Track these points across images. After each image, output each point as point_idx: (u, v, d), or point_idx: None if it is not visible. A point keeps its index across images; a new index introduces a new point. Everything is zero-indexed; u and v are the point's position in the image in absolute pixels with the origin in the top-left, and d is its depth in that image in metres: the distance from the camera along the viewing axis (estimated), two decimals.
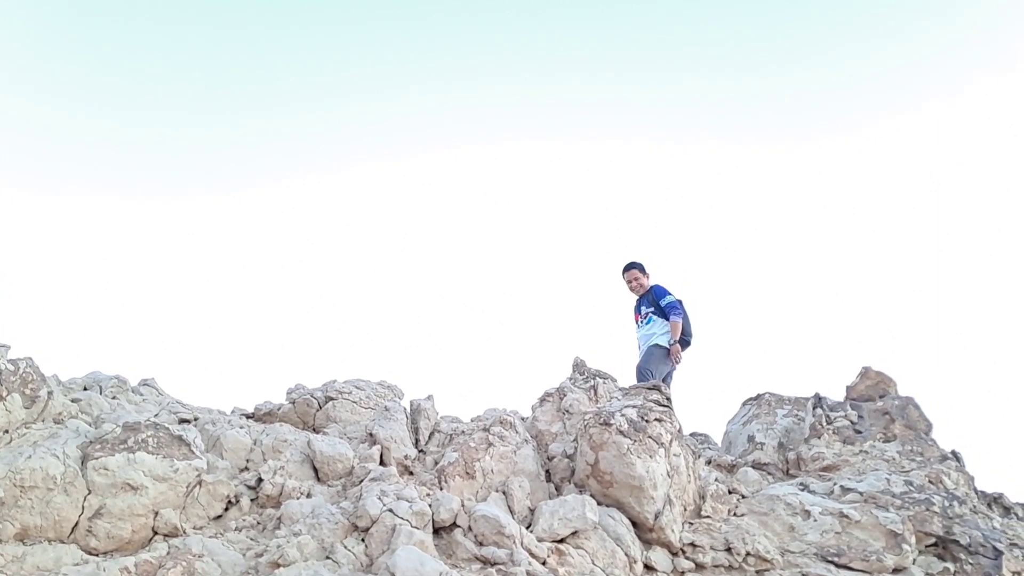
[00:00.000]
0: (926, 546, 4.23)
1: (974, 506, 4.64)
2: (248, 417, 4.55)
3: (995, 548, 4.13)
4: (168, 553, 2.95)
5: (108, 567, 2.73)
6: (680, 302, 7.92)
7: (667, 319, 7.92)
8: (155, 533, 3.09)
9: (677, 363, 7.73)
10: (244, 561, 3.03)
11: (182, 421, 4.09)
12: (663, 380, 7.64)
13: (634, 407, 4.12)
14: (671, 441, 4.12)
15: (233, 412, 4.55)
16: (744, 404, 7.30)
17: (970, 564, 4.07)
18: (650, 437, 3.97)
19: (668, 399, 4.60)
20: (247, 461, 3.82)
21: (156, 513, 3.08)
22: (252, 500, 3.52)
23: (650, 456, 3.88)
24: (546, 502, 3.68)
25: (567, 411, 4.55)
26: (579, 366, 5.20)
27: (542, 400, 4.72)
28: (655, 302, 8.05)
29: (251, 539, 3.25)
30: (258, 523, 3.39)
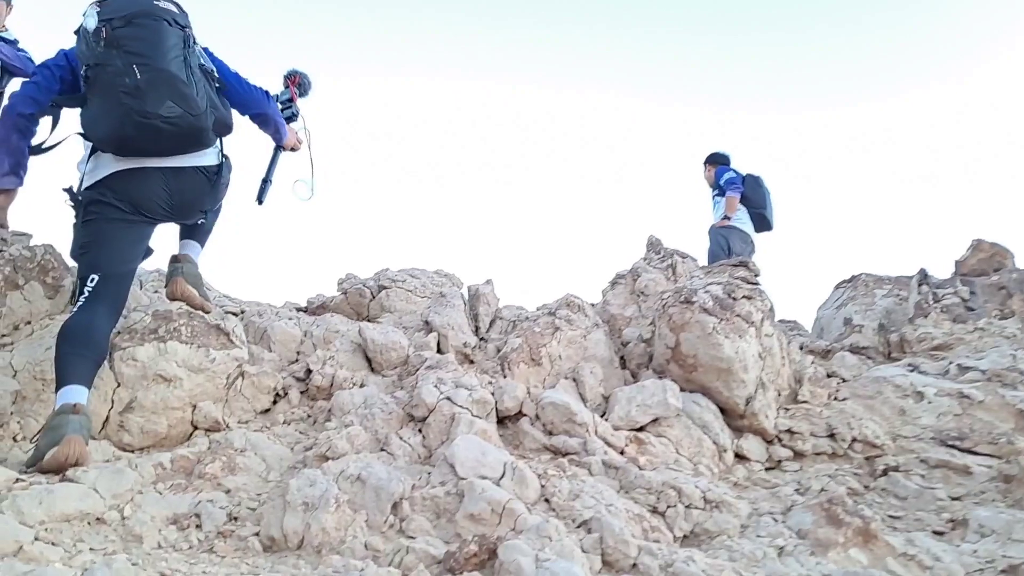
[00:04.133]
0: None
1: None
2: (301, 311, 4.28)
3: None
4: (208, 448, 2.70)
5: (141, 463, 2.48)
6: (742, 178, 7.29)
7: None
8: (195, 428, 2.84)
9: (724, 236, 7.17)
10: (291, 455, 2.76)
11: (228, 313, 3.83)
12: None
13: (719, 284, 3.65)
14: (762, 320, 3.65)
15: (284, 306, 4.28)
16: (837, 287, 6.73)
17: None
18: (738, 315, 3.51)
19: (757, 275, 4.10)
20: (297, 353, 3.55)
21: (194, 406, 2.83)
22: (302, 392, 3.24)
23: (739, 336, 3.43)
24: (622, 388, 3.30)
25: (642, 293, 4.11)
26: (654, 244, 4.72)
27: (613, 283, 4.29)
28: (718, 184, 7.47)
29: (300, 432, 2.98)
30: (308, 416, 3.12)
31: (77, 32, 2.69)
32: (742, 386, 3.39)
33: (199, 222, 3.21)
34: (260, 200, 3.37)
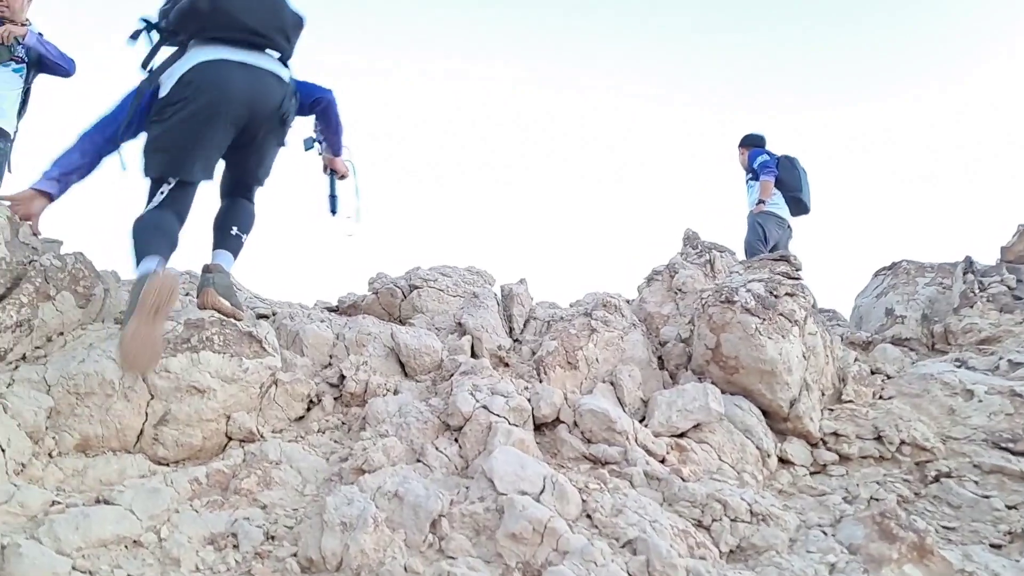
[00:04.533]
0: None
1: None
2: (332, 311, 4.24)
3: None
4: (243, 461, 2.66)
5: (176, 479, 2.45)
6: (776, 160, 7.11)
7: None
8: (229, 439, 2.81)
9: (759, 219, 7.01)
10: (327, 467, 2.72)
11: (260, 316, 3.80)
12: (773, 251, 6.96)
13: (760, 281, 3.53)
14: (805, 318, 3.54)
15: (315, 306, 4.24)
16: (876, 275, 6.56)
17: None
18: (781, 314, 3.40)
19: (798, 270, 3.98)
20: (330, 357, 3.50)
21: (228, 417, 2.79)
22: (335, 399, 3.20)
23: (782, 336, 3.32)
24: (661, 392, 3.21)
25: (679, 290, 4.00)
26: (691, 239, 4.60)
27: (649, 279, 4.18)
28: (751, 168, 7.30)
29: (335, 441, 2.94)
30: (343, 423, 3.07)
31: None
32: (786, 388, 3.29)
33: (231, 232, 3.28)
34: (334, 211, 3.77)
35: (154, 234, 2.89)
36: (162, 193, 2.96)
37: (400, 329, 3.42)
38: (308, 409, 3.12)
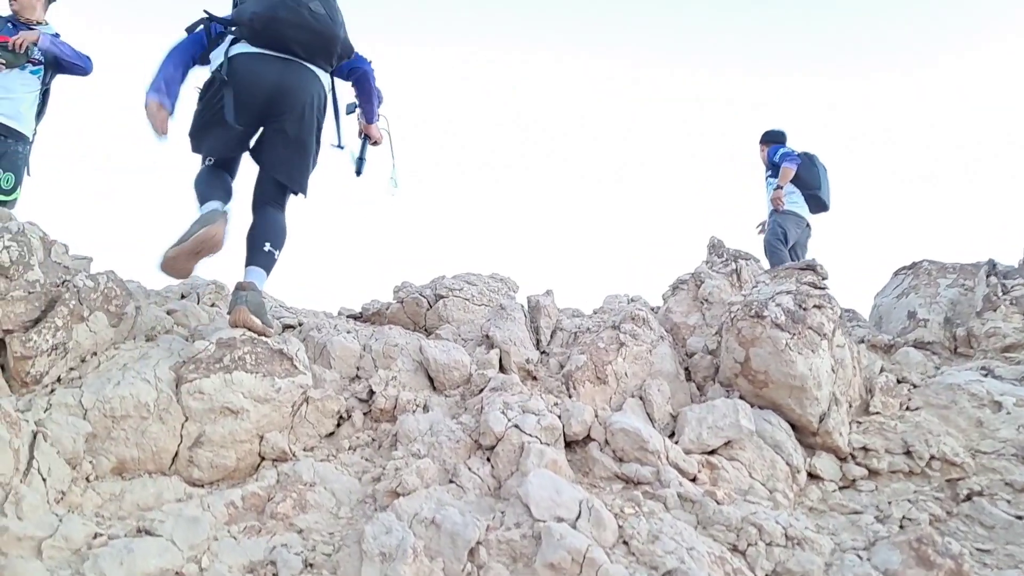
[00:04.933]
0: None
1: None
2: (355, 318, 4.24)
3: None
4: (277, 482, 2.67)
5: (213, 503, 2.46)
6: (798, 154, 7.06)
7: None
8: (262, 459, 2.82)
9: (779, 209, 6.98)
10: (360, 487, 2.73)
11: (286, 327, 3.80)
12: (791, 251, 6.93)
13: (788, 293, 3.51)
14: (834, 330, 3.52)
15: (339, 314, 4.24)
16: (896, 274, 6.50)
17: None
18: (810, 328, 3.38)
19: (825, 279, 3.96)
20: (357, 369, 3.50)
21: (261, 437, 2.80)
22: (365, 414, 3.20)
23: (812, 351, 3.30)
24: (691, 408, 3.20)
25: (706, 300, 3.98)
26: (716, 247, 4.57)
27: (675, 288, 4.16)
28: (772, 162, 7.25)
29: (366, 459, 2.94)
30: (373, 439, 3.08)
31: None
32: (815, 404, 3.28)
33: (264, 248, 3.31)
34: (359, 172, 3.96)
35: (209, 185, 3.31)
36: (208, 161, 3.42)
37: (428, 344, 3.41)
38: (338, 425, 3.13)
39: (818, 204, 7.05)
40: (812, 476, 3.28)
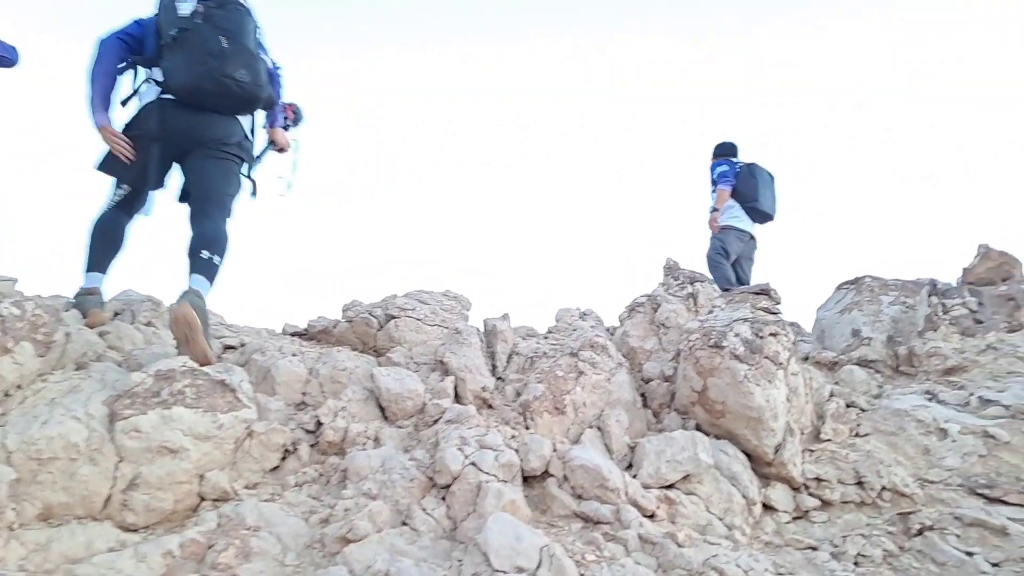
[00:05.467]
0: None
1: None
2: (300, 335, 4.06)
3: None
4: (219, 526, 2.51)
5: (148, 552, 2.29)
6: (736, 170, 7.09)
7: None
8: (202, 499, 2.65)
9: (713, 232, 7.06)
10: (308, 530, 2.58)
11: (227, 348, 3.62)
12: (735, 265, 6.98)
13: (745, 321, 3.49)
14: (788, 359, 3.52)
15: (284, 331, 4.06)
16: (839, 288, 6.61)
17: None
18: (767, 358, 3.36)
19: (778, 303, 3.96)
20: (303, 395, 3.34)
21: (201, 477, 2.63)
22: (312, 446, 3.05)
23: (769, 381, 3.29)
24: (649, 440, 3.15)
25: (662, 324, 3.94)
26: (672, 269, 4.54)
27: (631, 311, 4.11)
28: (712, 180, 7.30)
29: (313, 498, 2.80)
30: (320, 475, 2.93)
31: (159, 7, 3.43)
32: (771, 435, 3.26)
33: (202, 256, 3.27)
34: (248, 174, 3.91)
35: (102, 245, 3.48)
36: (119, 194, 3.48)
37: (380, 371, 3.27)
38: (283, 459, 2.97)
39: (758, 215, 7.09)
40: (767, 507, 3.27)
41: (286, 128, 4.20)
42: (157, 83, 3.39)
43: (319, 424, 3.07)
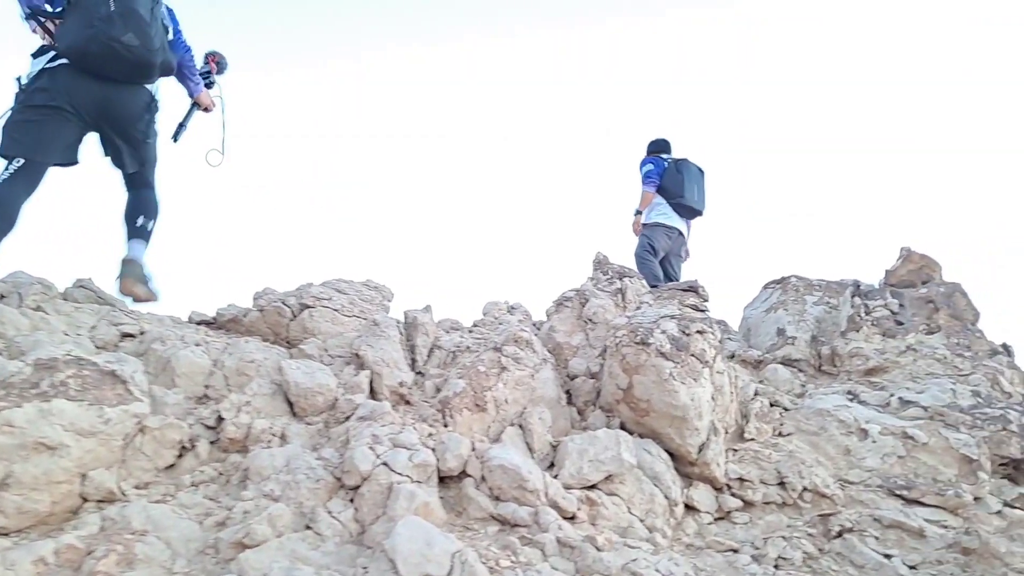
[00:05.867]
0: (999, 465, 3.68)
1: None
2: (208, 324, 3.81)
3: None
4: (101, 530, 2.29)
5: (18, 559, 2.07)
6: (662, 169, 7.09)
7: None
8: (85, 500, 2.42)
9: (636, 233, 7.06)
10: (201, 534, 2.39)
11: (125, 335, 3.36)
12: (664, 262, 6.98)
13: (672, 318, 3.42)
14: (715, 357, 3.46)
15: (190, 320, 3.81)
16: (766, 287, 6.66)
17: None
18: (693, 355, 3.29)
19: (706, 300, 3.92)
20: (206, 388, 3.12)
21: (84, 476, 2.40)
22: (212, 443, 2.84)
23: (694, 379, 3.22)
24: (572, 438, 3.04)
25: (590, 320, 3.84)
26: (601, 264, 4.44)
27: (559, 305, 3.99)
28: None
29: (210, 499, 2.59)
30: (220, 474, 2.73)
31: None
32: (696, 434, 3.20)
33: (138, 223, 3.68)
34: (175, 139, 4.11)
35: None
36: (12, 168, 3.21)
37: (290, 364, 3.07)
38: (180, 456, 2.75)
39: (684, 211, 7.08)
40: (689, 507, 3.21)
41: (210, 85, 4.26)
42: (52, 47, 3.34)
43: (221, 420, 2.86)
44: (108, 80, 3.37)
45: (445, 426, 2.99)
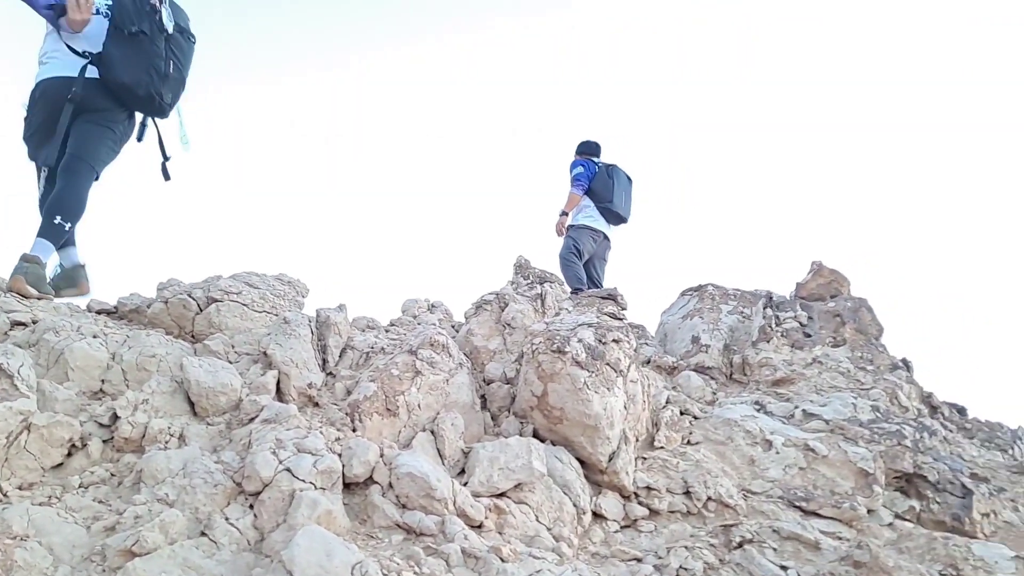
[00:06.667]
0: (892, 478, 3.85)
1: (944, 436, 4.29)
2: (109, 314, 3.63)
3: (964, 486, 3.77)
4: None
5: None
6: (593, 172, 7.15)
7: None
8: None
9: (560, 234, 7.13)
10: (88, 539, 2.26)
11: (16, 324, 3.17)
12: (588, 265, 7.03)
13: (590, 326, 3.43)
14: (629, 366, 3.49)
15: (89, 308, 3.61)
16: (683, 294, 6.80)
17: (937, 503, 3.72)
18: (608, 364, 3.32)
19: (624, 309, 3.95)
20: (102, 382, 2.96)
21: None
22: (105, 442, 2.70)
23: (608, 389, 3.25)
24: (483, 445, 3.02)
25: (508, 324, 3.82)
26: (522, 268, 4.43)
27: (478, 308, 3.96)
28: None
29: (100, 502, 2.46)
30: (112, 475, 2.59)
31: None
32: (606, 443, 3.23)
33: (55, 221, 3.57)
34: (167, 177, 4.15)
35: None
36: (44, 172, 3.73)
37: (192, 361, 2.94)
38: (69, 455, 2.60)
39: (611, 216, 7.16)
40: (597, 515, 3.23)
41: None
42: (78, 53, 3.55)
43: (116, 417, 2.72)
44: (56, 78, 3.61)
45: (354, 430, 2.92)
